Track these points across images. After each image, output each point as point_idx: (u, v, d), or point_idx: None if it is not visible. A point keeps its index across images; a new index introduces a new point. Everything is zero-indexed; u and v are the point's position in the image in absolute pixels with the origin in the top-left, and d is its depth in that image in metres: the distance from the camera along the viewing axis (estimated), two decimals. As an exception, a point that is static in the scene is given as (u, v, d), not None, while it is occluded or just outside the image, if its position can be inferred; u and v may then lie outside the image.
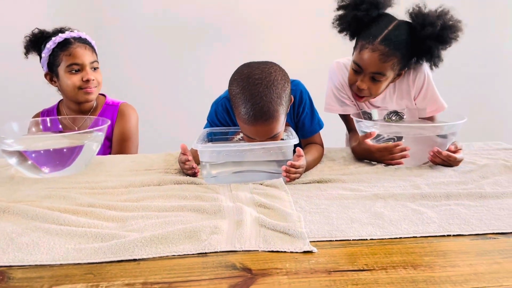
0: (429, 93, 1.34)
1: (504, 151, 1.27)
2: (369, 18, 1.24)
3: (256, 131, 1.03)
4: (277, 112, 1.01)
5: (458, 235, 0.72)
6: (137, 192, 0.95)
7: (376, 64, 1.21)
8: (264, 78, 1.01)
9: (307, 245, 0.68)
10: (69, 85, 1.42)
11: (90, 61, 1.44)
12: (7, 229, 0.76)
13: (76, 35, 1.44)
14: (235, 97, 1.05)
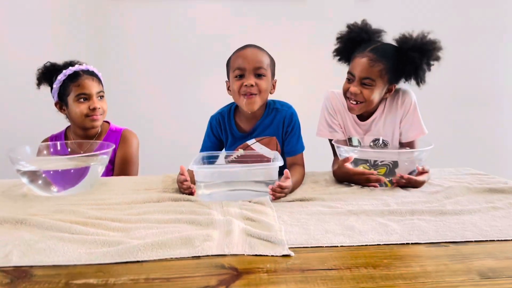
0: (415, 119, 1.45)
1: (471, 175, 1.40)
2: (360, 39, 1.41)
3: (245, 55, 1.32)
4: (265, 52, 1.36)
5: (415, 243, 0.84)
6: (138, 208, 1.07)
7: (365, 68, 1.35)
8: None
9: (285, 250, 0.80)
10: (77, 113, 1.56)
11: (97, 91, 1.58)
12: (25, 237, 0.87)
13: (84, 68, 1.60)
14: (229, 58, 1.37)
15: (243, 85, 1.33)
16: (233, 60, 1.37)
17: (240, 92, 1.34)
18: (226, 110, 1.46)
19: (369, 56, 1.36)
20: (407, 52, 1.35)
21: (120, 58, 2.40)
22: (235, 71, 1.35)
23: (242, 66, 1.33)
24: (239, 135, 1.44)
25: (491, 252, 0.79)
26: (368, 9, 2.47)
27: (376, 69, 1.35)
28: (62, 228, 0.91)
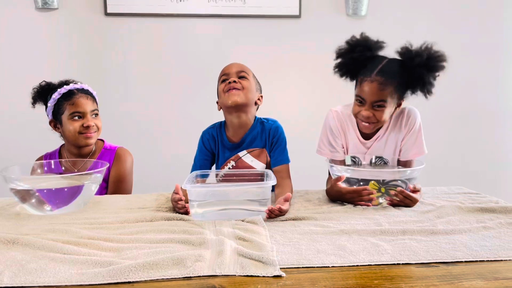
0: (418, 139, 1.45)
1: (463, 194, 1.42)
2: (364, 58, 1.38)
3: (229, 65, 1.48)
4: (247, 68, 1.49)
5: (406, 263, 0.85)
6: (131, 227, 1.07)
7: (376, 93, 1.33)
8: None
9: (277, 270, 0.81)
10: (71, 130, 1.57)
11: (91, 109, 1.59)
12: (17, 257, 0.87)
13: (79, 86, 1.61)
14: None
15: (226, 84, 1.44)
16: (220, 74, 1.51)
17: (224, 90, 1.44)
18: (217, 124, 1.56)
19: (377, 80, 1.33)
20: (414, 69, 1.32)
21: (114, 75, 2.42)
22: (221, 78, 1.49)
23: (226, 72, 1.48)
24: (229, 145, 1.50)
25: (480, 273, 0.80)
26: (361, 25, 2.51)
27: (386, 92, 1.33)
28: (54, 248, 0.91)
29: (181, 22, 2.44)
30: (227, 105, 1.42)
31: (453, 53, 2.61)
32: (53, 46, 2.37)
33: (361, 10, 2.47)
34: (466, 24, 2.61)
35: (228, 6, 2.42)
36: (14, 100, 2.36)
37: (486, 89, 2.69)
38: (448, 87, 2.62)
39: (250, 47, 2.48)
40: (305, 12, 2.48)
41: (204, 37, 2.47)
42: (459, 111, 2.68)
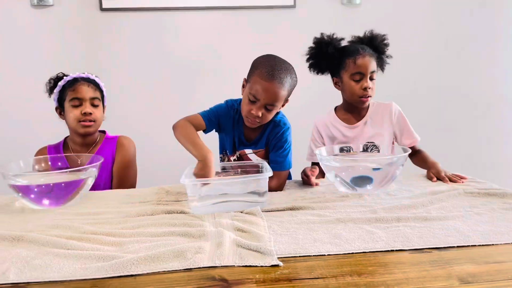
0: (406, 127, 1.64)
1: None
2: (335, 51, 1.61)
3: (268, 88, 1.33)
4: (285, 88, 1.37)
5: (399, 250, 0.88)
6: (132, 221, 1.09)
7: (370, 64, 1.56)
8: (287, 63, 1.41)
9: (274, 260, 0.83)
10: (71, 117, 1.60)
11: (90, 96, 1.61)
12: (22, 254, 0.90)
13: (84, 75, 1.64)
14: (258, 62, 1.38)
15: (250, 111, 1.37)
16: (255, 81, 1.35)
17: (245, 111, 1.40)
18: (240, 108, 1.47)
19: (367, 53, 1.57)
20: (379, 44, 1.62)
21: (111, 69, 2.42)
22: (251, 91, 1.36)
23: (257, 97, 1.35)
24: (243, 140, 1.50)
25: (471, 257, 0.83)
26: (355, 13, 2.51)
27: (375, 63, 1.59)
28: (58, 244, 0.94)
29: (177, 15, 2.44)
30: (246, 123, 1.44)
31: (446, 40, 2.64)
32: (49, 42, 2.38)
33: (355, -2, 2.47)
34: (460, 13, 2.61)
35: (223, -3, 2.42)
36: (11, 96, 2.37)
37: (484, 77, 2.70)
38: (447, 75, 2.63)
39: (246, 38, 2.49)
40: (300, 2, 2.48)
41: (200, 29, 2.47)
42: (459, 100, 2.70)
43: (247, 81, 1.42)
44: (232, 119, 1.49)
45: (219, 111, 1.49)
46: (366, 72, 1.56)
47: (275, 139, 1.46)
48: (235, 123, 1.49)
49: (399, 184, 1.39)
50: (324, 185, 1.43)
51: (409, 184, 1.40)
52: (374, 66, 1.57)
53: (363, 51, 1.57)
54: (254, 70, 1.38)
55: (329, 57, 1.62)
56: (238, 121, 1.49)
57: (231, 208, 1.15)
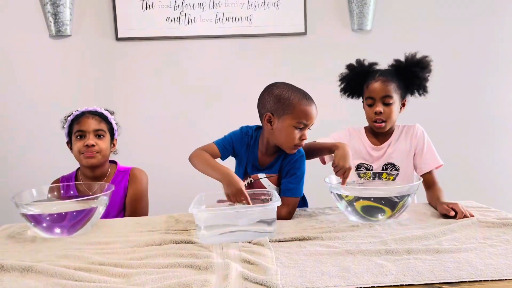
0: (431, 152, 1.61)
1: (471, 209, 1.40)
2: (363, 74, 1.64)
3: (311, 110, 1.38)
4: None
5: (409, 284, 0.86)
6: (140, 252, 1.09)
7: (382, 88, 1.57)
8: None
9: (280, 293, 0.82)
10: (75, 149, 1.63)
11: (94, 128, 1.63)
12: (31, 284, 0.91)
13: (92, 109, 1.67)
14: (283, 93, 1.39)
15: (301, 138, 1.40)
16: (299, 109, 1.37)
17: (295, 141, 1.39)
18: (255, 134, 1.50)
19: (381, 78, 1.58)
20: (409, 68, 1.59)
21: (126, 97, 2.48)
22: (297, 122, 1.37)
23: (305, 122, 1.38)
24: (257, 165, 1.50)
25: (483, 293, 0.80)
26: (366, 40, 2.53)
27: (390, 87, 1.57)
28: (66, 275, 0.94)
29: (190, 44, 2.49)
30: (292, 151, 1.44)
31: (457, 65, 2.63)
32: (67, 71, 2.45)
33: (366, 25, 2.49)
34: (470, 39, 2.61)
35: (235, 26, 2.47)
36: (31, 126, 2.44)
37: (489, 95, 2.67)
38: (454, 96, 2.61)
39: (258, 65, 2.52)
40: (311, 29, 2.52)
41: (213, 57, 2.52)
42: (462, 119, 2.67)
43: (277, 115, 1.40)
44: (246, 145, 1.50)
45: (233, 138, 1.50)
46: (376, 96, 1.57)
47: (289, 165, 1.46)
48: (250, 148, 1.50)
49: (411, 213, 1.36)
50: (335, 213, 1.41)
51: (422, 213, 1.38)
52: (390, 91, 1.56)
53: (379, 76, 1.58)
54: (287, 101, 1.38)
55: (356, 81, 1.66)
56: (253, 146, 1.50)
57: (239, 238, 1.14)
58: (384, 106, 1.57)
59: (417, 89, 1.62)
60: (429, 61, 1.60)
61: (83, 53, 2.44)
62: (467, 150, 2.68)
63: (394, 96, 1.57)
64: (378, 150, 1.65)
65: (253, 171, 1.51)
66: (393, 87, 1.57)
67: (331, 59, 2.52)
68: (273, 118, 1.40)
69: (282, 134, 1.40)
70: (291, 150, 1.43)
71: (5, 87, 2.43)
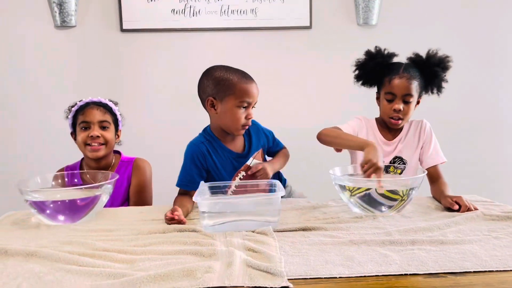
0: (436, 148, 1.60)
1: (475, 203, 1.39)
2: (381, 66, 1.60)
3: (252, 88, 1.41)
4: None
5: (414, 274, 0.85)
6: (144, 239, 1.10)
7: (406, 87, 1.53)
8: None
9: (284, 281, 0.82)
10: (79, 140, 1.62)
11: (99, 120, 1.62)
12: (35, 269, 0.91)
13: (96, 100, 1.66)
14: (221, 75, 1.41)
15: (247, 117, 1.42)
16: (239, 88, 1.40)
17: (241, 121, 1.42)
18: (208, 135, 1.51)
19: (405, 76, 1.53)
20: (432, 67, 1.55)
21: (131, 89, 2.48)
22: (240, 101, 1.40)
23: (248, 100, 1.41)
24: (236, 153, 1.50)
25: (488, 283, 0.80)
26: (371, 34, 2.52)
27: (413, 86, 1.53)
28: (70, 260, 0.94)
29: (195, 36, 2.48)
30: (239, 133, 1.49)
31: (462, 60, 2.61)
32: (72, 62, 2.45)
33: (371, 19, 2.48)
34: (478, 34, 2.60)
35: (240, 19, 2.46)
36: (36, 116, 2.44)
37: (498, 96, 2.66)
38: (460, 94, 2.60)
39: (262, 58, 2.51)
40: (316, 23, 2.50)
41: (217, 50, 2.51)
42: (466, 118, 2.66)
43: (218, 98, 1.42)
44: (207, 150, 1.47)
45: (190, 163, 1.47)
46: (398, 93, 1.53)
47: (268, 139, 1.59)
48: (215, 149, 1.49)
49: (415, 206, 1.36)
50: (338, 205, 1.41)
51: (426, 206, 1.37)
52: (412, 90, 1.52)
53: (403, 72, 1.54)
54: (227, 82, 1.41)
55: (375, 71, 1.61)
56: (216, 143, 1.49)
57: (243, 227, 1.14)
58: (403, 104, 1.54)
59: (436, 88, 1.59)
60: (450, 60, 1.58)
61: (87, 44, 2.44)
62: (472, 146, 2.66)
63: (414, 95, 1.54)
64: (389, 145, 1.63)
65: (239, 161, 1.51)
66: (416, 85, 1.54)
67: (336, 54, 2.52)
68: (216, 102, 1.43)
69: (227, 116, 1.42)
70: (239, 131, 1.45)
71: (9, 76, 2.42)
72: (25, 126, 2.45)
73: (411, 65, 1.57)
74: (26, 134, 2.46)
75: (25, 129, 2.46)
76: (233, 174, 1.50)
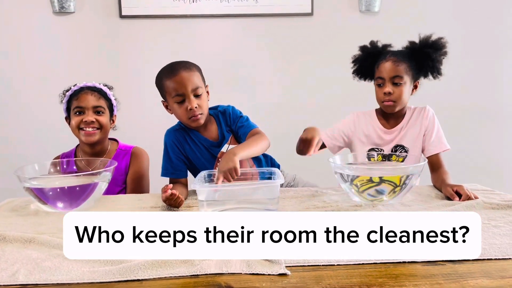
0: (439, 135, 1.59)
1: (476, 192, 1.39)
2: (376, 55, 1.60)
3: (178, 80, 1.38)
4: (193, 66, 1.45)
5: (412, 262, 0.85)
6: (143, 226, 1.09)
7: (392, 68, 1.53)
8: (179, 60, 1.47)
9: (282, 269, 0.82)
10: (73, 125, 1.61)
11: (93, 105, 1.61)
12: (32, 255, 0.91)
13: (91, 84, 1.65)
14: (157, 78, 1.47)
15: (188, 108, 1.42)
16: (167, 86, 1.43)
17: (185, 115, 1.44)
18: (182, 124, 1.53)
19: (391, 59, 1.54)
20: (422, 49, 1.54)
21: (129, 76, 2.47)
22: (173, 97, 1.43)
23: (180, 93, 1.41)
24: (210, 141, 1.52)
25: (487, 271, 0.80)
26: (374, 21, 2.49)
27: (401, 67, 1.53)
28: (68, 247, 0.94)
29: (195, 23, 2.46)
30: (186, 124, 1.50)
31: (464, 48, 2.58)
32: (70, 48, 2.43)
33: (374, 6, 2.45)
34: (482, 20, 2.57)
35: (240, 5, 2.44)
36: (32, 102, 2.43)
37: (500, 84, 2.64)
38: (465, 82, 2.58)
39: (263, 46, 2.49)
40: (317, 10, 2.48)
41: (217, 37, 2.49)
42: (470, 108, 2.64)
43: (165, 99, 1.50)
44: (184, 137, 1.52)
45: (171, 147, 1.52)
46: (386, 76, 1.54)
47: (232, 122, 1.54)
48: (190, 138, 1.52)
49: (415, 195, 1.36)
50: (338, 194, 1.40)
51: (426, 194, 1.37)
52: (400, 72, 1.53)
53: (390, 56, 1.55)
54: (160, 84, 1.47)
55: (367, 62, 1.62)
56: (192, 134, 1.52)
57: (242, 215, 1.14)
58: (393, 86, 1.54)
59: (431, 71, 1.57)
60: (444, 42, 1.55)
61: (86, 30, 2.42)
62: (474, 134, 2.65)
63: (405, 77, 1.54)
64: (390, 134, 1.62)
65: (214, 150, 1.52)
66: (404, 67, 1.53)
67: (338, 41, 2.50)
68: (166, 102, 1.48)
69: (176, 114, 1.47)
70: (190, 124, 1.46)
71: (8, 62, 2.41)
72: (22, 112, 2.44)
73: (401, 51, 1.58)
74: (24, 120, 2.45)
75: (21, 115, 2.45)
76: (213, 162, 1.52)
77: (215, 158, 1.51)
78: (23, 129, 2.46)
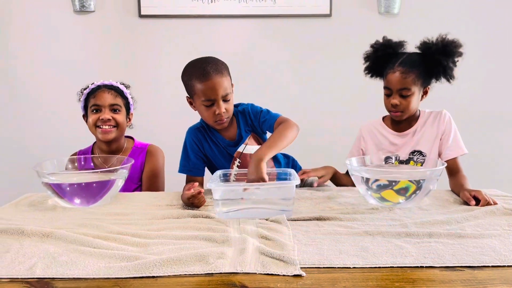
0: (457, 139, 1.55)
1: (496, 197, 1.36)
2: (387, 57, 1.54)
3: (210, 86, 1.36)
4: (224, 69, 1.42)
5: (430, 266, 0.83)
6: (158, 223, 1.10)
7: (399, 81, 1.48)
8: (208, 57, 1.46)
9: (297, 270, 0.81)
10: (90, 122, 1.63)
11: (110, 103, 1.62)
12: (50, 250, 0.92)
13: (108, 83, 1.67)
14: (185, 76, 1.44)
15: (216, 112, 1.41)
16: (198, 89, 1.41)
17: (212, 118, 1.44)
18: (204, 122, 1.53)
19: (399, 69, 1.49)
20: (433, 56, 1.48)
21: (148, 75, 2.49)
22: (203, 100, 1.41)
23: (211, 98, 1.40)
24: (228, 142, 1.52)
25: (507, 278, 0.78)
26: (393, 23, 2.46)
27: (409, 79, 1.48)
28: (85, 242, 0.95)
29: (213, 23, 2.47)
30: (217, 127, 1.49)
31: (485, 50, 2.54)
32: (90, 46, 2.47)
33: (393, 8, 2.42)
34: (503, 23, 2.52)
35: (258, 6, 2.44)
36: (53, 99, 2.47)
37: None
38: (485, 85, 2.53)
39: (281, 47, 2.49)
40: (336, 11, 2.46)
41: (235, 37, 2.49)
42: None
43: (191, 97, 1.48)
44: (204, 136, 1.52)
45: (190, 145, 1.52)
46: (393, 88, 1.50)
47: (253, 119, 1.52)
48: (209, 137, 1.52)
49: (432, 199, 1.33)
50: (355, 196, 1.39)
51: (444, 199, 1.35)
52: (408, 84, 1.47)
53: (398, 66, 1.49)
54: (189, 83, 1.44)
55: (378, 62, 1.57)
56: (211, 133, 1.52)
57: (257, 215, 1.14)
58: (401, 98, 1.50)
59: (443, 76, 1.51)
60: (457, 46, 1.49)
61: (106, 29, 2.45)
62: (493, 138, 2.60)
63: (413, 88, 1.48)
64: (402, 137, 1.59)
65: (231, 150, 1.52)
66: (412, 78, 1.48)
67: (356, 43, 2.45)
68: (191, 100, 1.47)
69: (201, 113, 1.47)
70: (216, 125, 1.46)
71: (28, 61, 2.46)
72: (42, 110, 2.49)
73: (410, 57, 1.51)
74: (43, 117, 2.49)
75: (42, 113, 2.49)
76: (231, 161, 1.52)
77: (232, 157, 1.51)
78: (42, 126, 2.50)
